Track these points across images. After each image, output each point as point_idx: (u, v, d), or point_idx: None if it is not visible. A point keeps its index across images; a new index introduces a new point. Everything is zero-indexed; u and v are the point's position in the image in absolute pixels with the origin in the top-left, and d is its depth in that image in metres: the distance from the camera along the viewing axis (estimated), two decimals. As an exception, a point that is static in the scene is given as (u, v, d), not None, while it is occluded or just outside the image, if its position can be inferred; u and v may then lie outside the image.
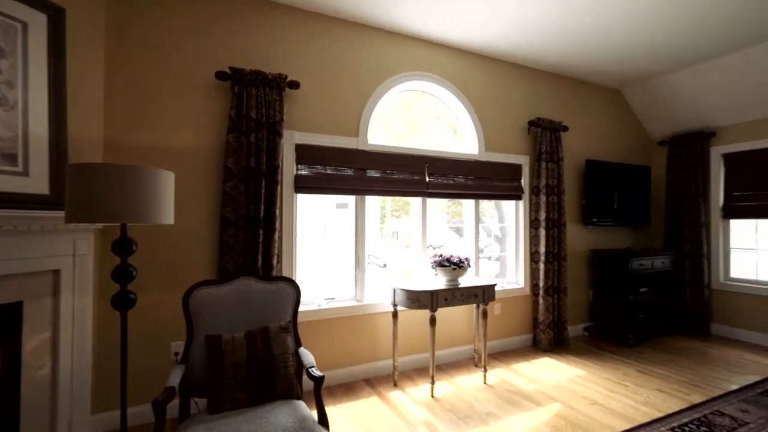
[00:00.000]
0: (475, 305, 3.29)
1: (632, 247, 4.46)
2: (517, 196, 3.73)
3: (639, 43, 3.34)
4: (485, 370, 2.93)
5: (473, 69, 3.53)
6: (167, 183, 1.69)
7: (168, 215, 1.70)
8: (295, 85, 2.64)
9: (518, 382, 2.90)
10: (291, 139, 2.72)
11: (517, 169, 3.74)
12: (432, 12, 2.84)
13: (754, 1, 2.68)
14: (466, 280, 2.98)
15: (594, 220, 4.09)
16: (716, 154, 4.16)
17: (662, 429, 2.24)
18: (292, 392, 1.73)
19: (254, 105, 2.48)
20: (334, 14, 2.87)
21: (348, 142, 2.93)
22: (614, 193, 4.23)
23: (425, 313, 3.19)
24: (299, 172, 2.77)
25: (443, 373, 3.07)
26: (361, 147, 2.98)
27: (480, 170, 3.50)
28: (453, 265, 2.81)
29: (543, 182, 3.68)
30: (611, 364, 3.25)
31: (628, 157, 4.57)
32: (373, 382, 2.88)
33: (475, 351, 3.30)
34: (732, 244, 4.12)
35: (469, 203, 3.60)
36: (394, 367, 2.86)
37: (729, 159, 4.10)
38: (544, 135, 3.71)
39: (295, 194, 2.77)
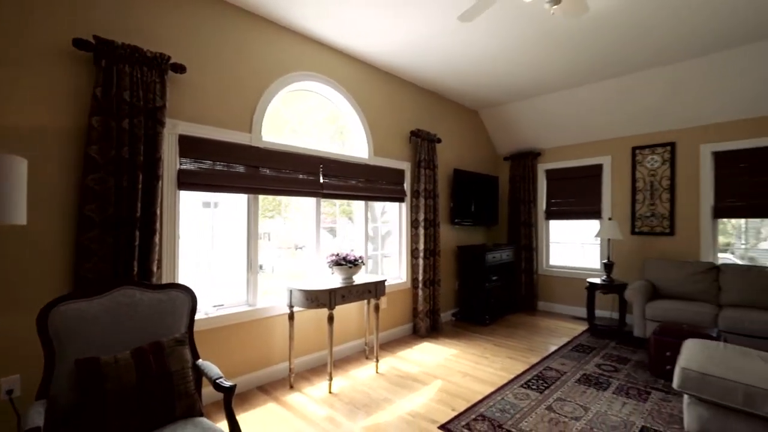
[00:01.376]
0: (366, 300, 3.47)
1: (486, 243, 5.37)
2: (400, 199, 4.08)
3: (492, 76, 4.07)
4: (377, 360, 3.14)
5: (365, 77, 3.73)
6: (17, 173, 1.33)
7: (19, 213, 1.35)
8: (180, 68, 2.35)
9: (405, 367, 3.21)
10: (174, 129, 2.41)
11: (400, 174, 4.10)
12: (327, 16, 2.89)
13: (576, 50, 3.59)
14: (359, 278, 3.14)
15: (458, 220, 4.77)
16: (541, 169, 5.36)
17: (515, 387, 2.81)
18: (193, 410, 1.57)
19: (128, 86, 2.12)
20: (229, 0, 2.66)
21: (240, 137, 2.75)
22: (473, 198, 5.03)
23: (319, 313, 3.24)
24: (183, 167, 2.47)
25: (338, 368, 3.16)
26: (254, 143, 2.83)
27: (370, 173, 3.72)
28: (349, 264, 2.93)
29: (422, 187, 4.13)
30: (474, 342, 3.88)
31: (483, 168, 5.49)
32: (267, 389, 2.77)
33: (365, 344, 3.50)
34: (551, 239, 5.37)
35: (360, 204, 3.79)
36: (290, 369, 2.81)
37: (549, 174, 5.33)
38: (423, 145, 4.17)
39: (177, 191, 2.46)
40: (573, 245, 5.29)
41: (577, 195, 5.06)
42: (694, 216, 4.12)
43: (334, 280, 2.99)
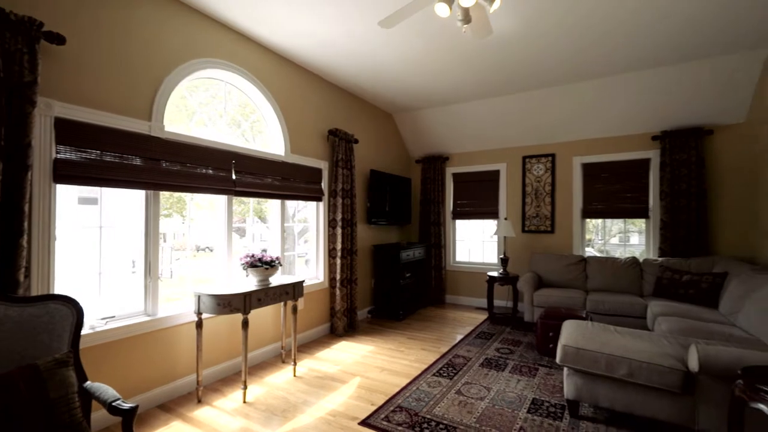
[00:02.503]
0: (283, 302, 3.35)
1: (401, 242, 5.61)
2: (318, 198, 4.03)
3: (406, 82, 4.28)
4: (295, 363, 3.06)
5: (283, 72, 3.60)
6: None
7: None
8: (57, 39, 1.98)
9: (324, 367, 3.19)
10: (49, 110, 2.02)
11: (318, 172, 4.05)
12: (241, 4, 2.73)
13: (481, 66, 3.96)
14: (276, 279, 3.02)
15: (374, 220, 4.90)
16: (449, 173, 5.81)
17: (428, 376, 3.01)
18: (82, 441, 1.35)
19: (-18, 52, 1.72)
20: (119, -36, 2.32)
21: (137, 126, 2.43)
22: (388, 198, 5.21)
23: (231, 318, 3.03)
24: (61, 156, 2.09)
25: (253, 375, 2.99)
26: (154, 133, 2.52)
27: (286, 171, 3.60)
28: (265, 265, 2.81)
29: (340, 186, 4.14)
30: (390, 337, 4.03)
31: (397, 169, 5.73)
32: (171, 406, 2.49)
33: (282, 347, 3.37)
34: (457, 237, 5.85)
35: (275, 203, 3.64)
36: (198, 382, 2.57)
37: (456, 177, 5.80)
38: (341, 144, 4.19)
39: (53, 184, 2.07)
40: (475, 242, 5.84)
41: (478, 197, 5.60)
42: (568, 216, 4.90)
43: (248, 282, 2.83)
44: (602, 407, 2.34)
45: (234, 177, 3.05)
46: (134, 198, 2.59)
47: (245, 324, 2.57)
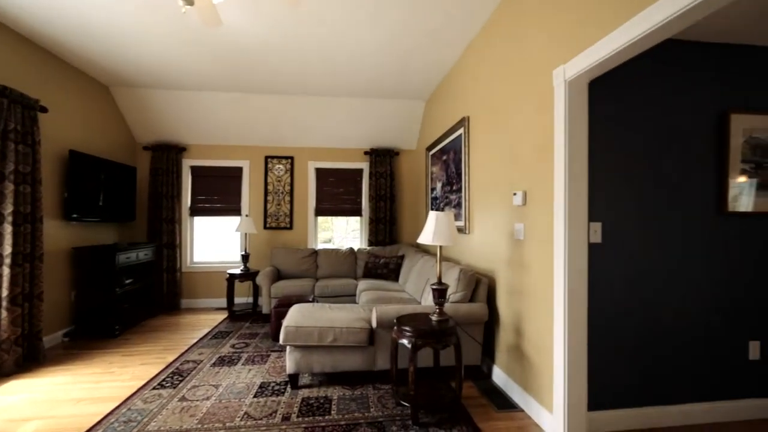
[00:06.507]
0: None
1: (118, 242, 4.64)
2: (-36, 183, 2.78)
3: (127, 51, 3.62)
4: None
5: None
6: None
7: None
8: None
9: (-31, 424, 2.24)
10: None
11: (-35, 146, 2.79)
12: None
13: (217, 58, 3.80)
14: None
15: (76, 215, 3.85)
16: (186, 165, 5.29)
17: (146, 391, 2.65)
18: None
19: None
20: None
21: None
22: (101, 189, 4.21)
23: None
24: None
25: None
26: None
27: None
28: None
29: (11, 167, 3.01)
30: (97, 359, 3.27)
31: (116, 155, 4.71)
32: None
33: None
34: (196, 235, 5.40)
35: None
36: None
37: (194, 170, 5.35)
38: (13, 110, 3.05)
39: None
40: (218, 240, 5.58)
41: (221, 193, 5.38)
42: (304, 214, 5.48)
43: None
44: (316, 373, 2.78)
45: None
46: None
47: None
